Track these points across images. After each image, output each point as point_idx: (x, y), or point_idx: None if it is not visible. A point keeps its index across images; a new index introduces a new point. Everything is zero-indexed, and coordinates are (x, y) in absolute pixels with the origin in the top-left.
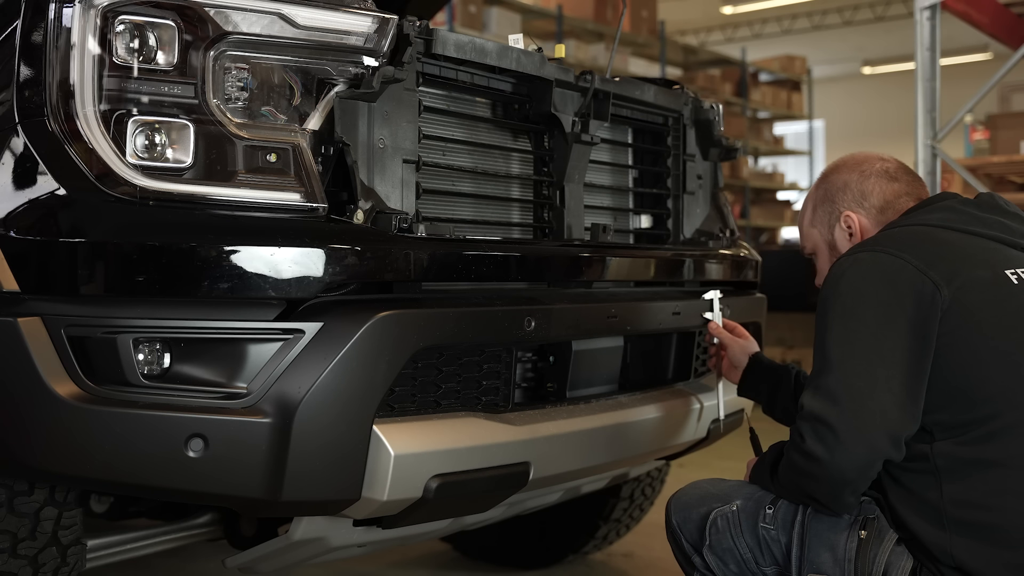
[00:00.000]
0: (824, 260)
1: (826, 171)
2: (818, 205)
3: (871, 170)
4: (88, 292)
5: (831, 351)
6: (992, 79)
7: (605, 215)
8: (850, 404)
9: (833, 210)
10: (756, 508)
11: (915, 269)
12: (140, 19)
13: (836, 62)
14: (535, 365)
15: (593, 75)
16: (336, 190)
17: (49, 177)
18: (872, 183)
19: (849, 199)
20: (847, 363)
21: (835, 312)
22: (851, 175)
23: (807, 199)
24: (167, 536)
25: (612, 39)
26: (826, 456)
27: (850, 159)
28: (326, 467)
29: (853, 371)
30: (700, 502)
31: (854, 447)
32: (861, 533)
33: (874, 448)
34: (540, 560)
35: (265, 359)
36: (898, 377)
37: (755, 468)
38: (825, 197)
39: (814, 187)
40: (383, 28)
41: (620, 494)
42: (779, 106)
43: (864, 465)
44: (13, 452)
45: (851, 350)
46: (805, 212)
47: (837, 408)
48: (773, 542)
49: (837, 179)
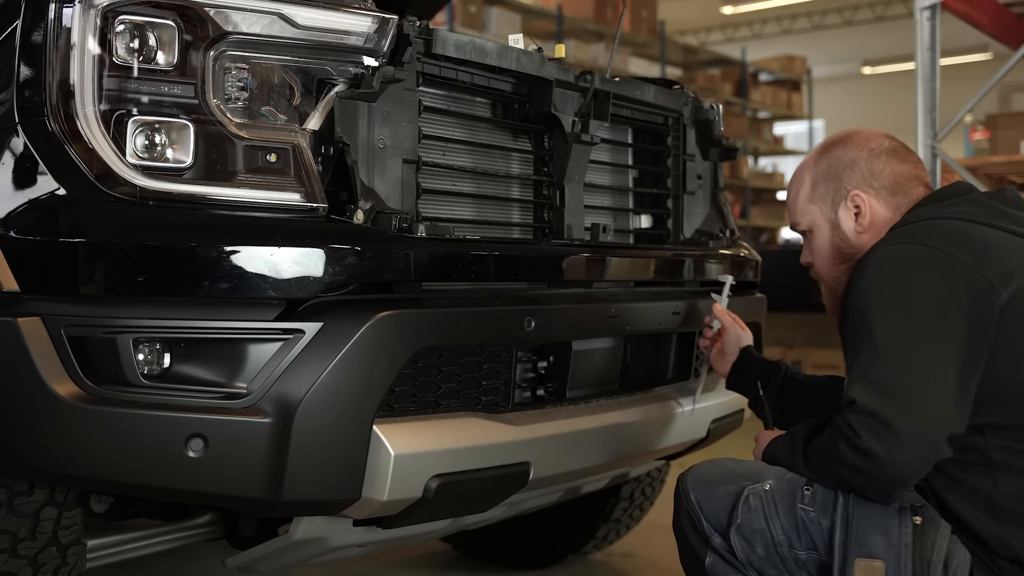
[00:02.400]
0: (823, 239)
1: (827, 144)
2: (820, 181)
3: (880, 148)
4: (88, 292)
5: (884, 344)
6: (992, 79)
7: (605, 215)
8: (910, 403)
9: (839, 188)
10: (791, 489)
11: (968, 267)
12: (140, 19)
13: (836, 62)
14: (535, 365)
15: (593, 75)
16: (336, 190)
17: (49, 177)
18: (883, 163)
19: (858, 178)
20: (904, 359)
21: (884, 304)
22: (859, 152)
23: (803, 172)
24: (167, 536)
25: (612, 39)
26: (884, 455)
27: (855, 135)
28: (326, 467)
29: (911, 368)
30: (725, 479)
31: (914, 447)
32: (915, 519)
33: (933, 448)
34: (540, 560)
35: (265, 359)
36: (954, 377)
37: (774, 448)
38: (829, 173)
39: (812, 160)
40: (383, 28)
41: (620, 494)
42: (779, 106)
43: (922, 465)
44: (13, 452)
45: (907, 346)
46: (801, 186)
47: (896, 406)
48: (812, 524)
49: (843, 155)
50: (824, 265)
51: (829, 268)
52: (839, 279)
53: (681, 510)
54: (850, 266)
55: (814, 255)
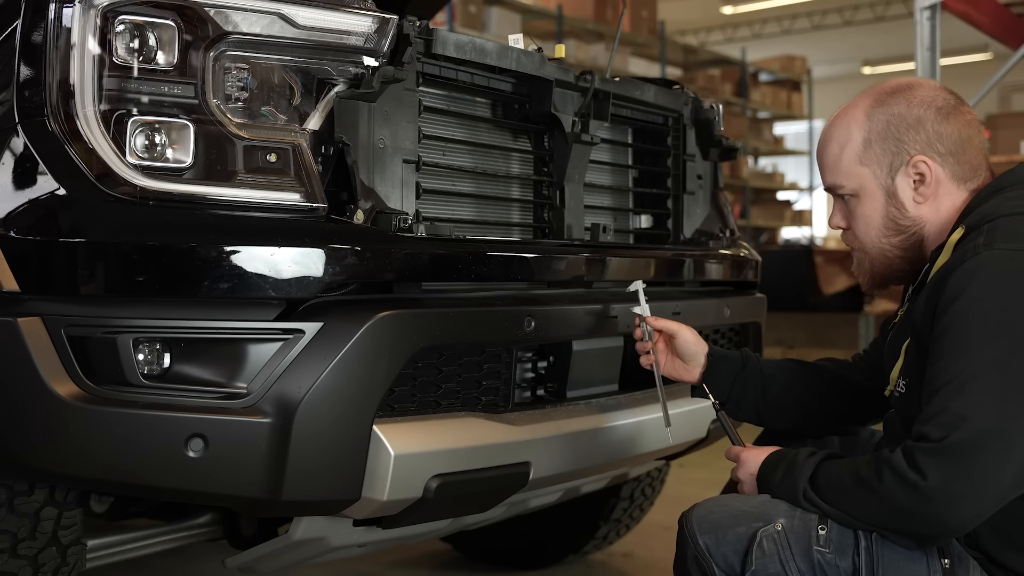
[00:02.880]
0: (875, 208)
1: (883, 95)
2: (875, 140)
3: (947, 107)
4: (88, 292)
5: (985, 376)
6: (992, 79)
7: (605, 215)
8: (1000, 450)
9: (900, 150)
10: (805, 528)
11: None
12: (140, 19)
13: (836, 62)
14: (535, 365)
15: (593, 75)
16: (336, 190)
17: (49, 177)
18: (951, 124)
19: (923, 141)
20: (1006, 399)
21: (989, 323)
22: (926, 111)
23: (849, 125)
24: (167, 536)
25: (612, 39)
26: (954, 502)
27: (916, 87)
28: (326, 467)
29: (1013, 412)
30: (734, 520)
31: (988, 501)
32: (944, 561)
33: (1002, 501)
34: (540, 560)
35: (265, 359)
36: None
37: (768, 475)
38: (887, 132)
39: (864, 113)
40: (383, 28)
41: (620, 494)
42: (779, 106)
43: (990, 513)
44: (13, 452)
45: (1013, 383)
46: (847, 142)
47: (986, 452)
48: (830, 567)
49: (907, 112)
50: (871, 235)
51: (876, 239)
52: (888, 251)
53: (688, 555)
54: (904, 239)
55: (856, 222)
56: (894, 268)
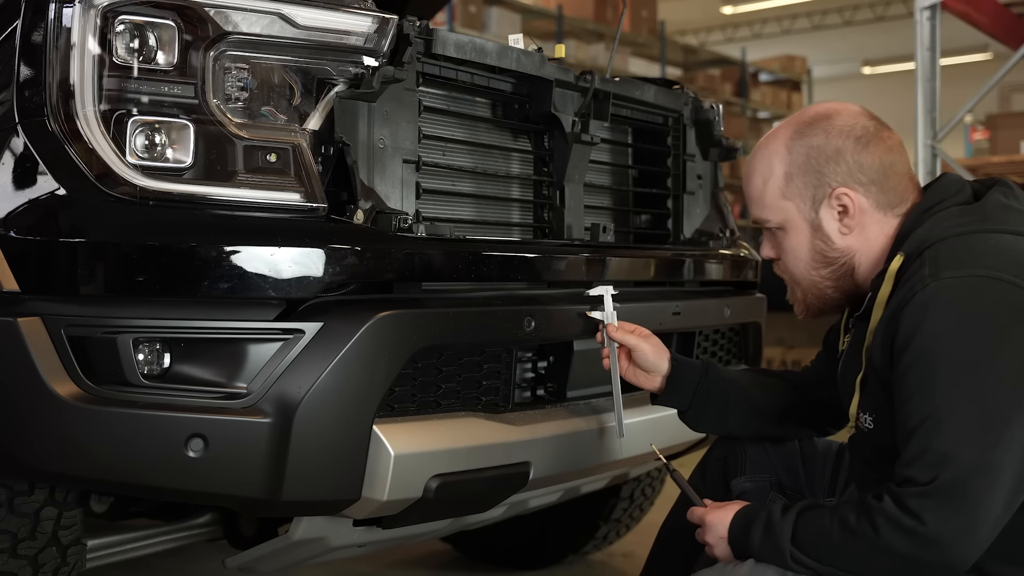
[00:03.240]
0: (801, 240)
1: (801, 127)
2: (796, 173)
3: (866, 135)
4: (88, 292)
5: (959, 411)
6: (992, 79)
7: (605, 215)
8: (989, 481)
9: (821, 183)
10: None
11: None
12: (140, 19)
13: (836, 62)
14: (535, 365)
15: (593, 75)
16: (336, 190)
17: (49, 177)
18: (871, 153)
19: (844, 172)
20: (984, 430)
21: (952, 357)
22: (844, 141)
23: (770, 159)
24: (167, 536)
25: (612, 39)
26: (952, 542)
27: (834, 116)
28: (326, 467)
29: (992, 441)
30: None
31: (984, 530)
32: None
33: (999, 527)
34: (540, 560)
35: (265, 359)
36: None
37: (743, 537)
38: (808, 166)
39: (784, 146)
40: (383, 28)
41: (620, 494)
42: (779, 106)
43: (990, 542)
44: (13, 452)
45: (987, 413)
46: (769, 176)
47: (975, 486)
48: None
49: (825, 144)
50: (800, 267)
51: (806, 271)
52: (819, 283)
53: None
54: (834, 270)
55: (786, 254)
56: (827, 298)
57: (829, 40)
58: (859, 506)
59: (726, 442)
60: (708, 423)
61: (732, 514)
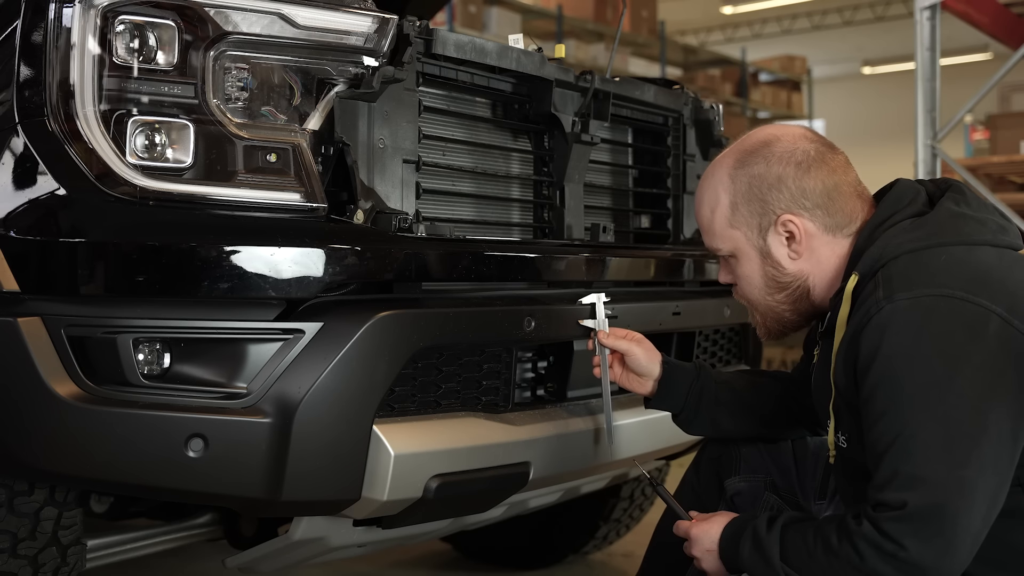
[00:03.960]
0: (752, 268)
1: (742, 156)
2: (741, 203)
3: (807, 160)
4: (88, 292)
5: (925, 432)
6: (992, 79)
7: (605, 215)
8: (963, 499)
9: (765, 211)
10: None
11: (999, 319)
12: (140, 19)
13: (836, 62)
14: (535, 365)
15: (593, 75)
16: (336, 190)
17: (49, 177)
18: (813, 177)
19: (787, 199)
20: (951, 449)
21: (913, 379)
22: (785, 168)
23: (716, 188)
24: (167, 536)
25: (612, 39)
26: (935, 563)
27: (774, 142)
28: (326, 467)
29: (961, 459)
30: None
31: (965, 547)
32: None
33: (979, 541)
34: (540, 560)
35: (265, 359)
36: (1005, 453)
37: (731, 549)
38: (751, 195)
39: (727, 176)
40: (383, 28)
41: (620, 494)
42: (779, 106)
43: (972, 556)
44: (13, 452)
45: (952, 431)
46: (716, 206)
47: (950, 506)
48: None
49: (766, 172)
50: (756, 294)
51: (761, 297)
52: (775, 308)
53: None
54: (788, 294)
55: (741, 281)
56: (785, 320)
57: (829, 40)
58: (840, 528)
59: (720, 441)
60: (701, 425)
61: (717, 527)
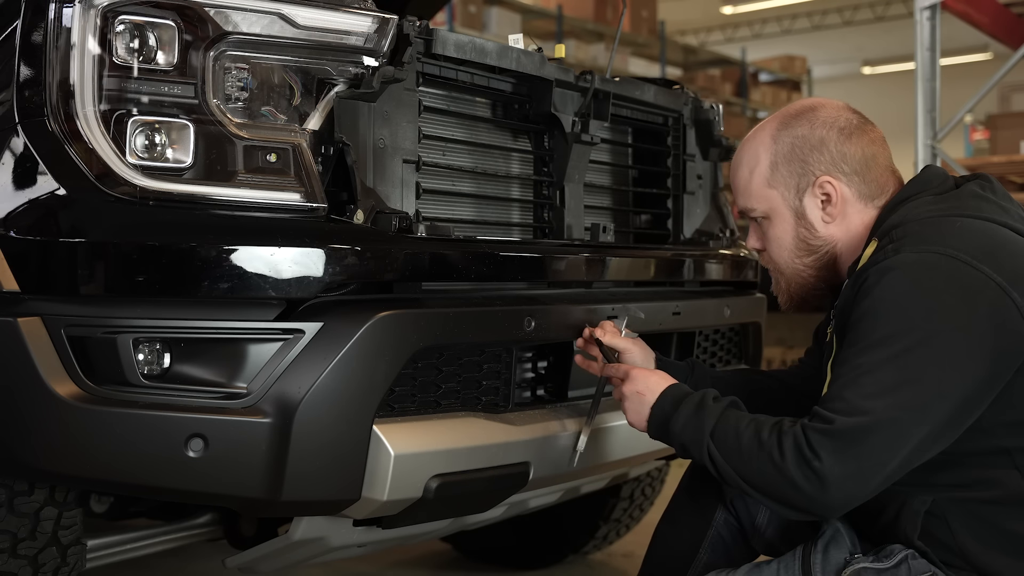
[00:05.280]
0: (785, 229)
1: (787, 119)
2: (781, 162)
3: (850, 127)
4: (88, 292)
5: (881, 372)
6: (992, 79)
7: (605, 215)
8: (889, 436)
9: (805, 172)
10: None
11: (998, 288)
12: (140, 19)
13: (836, 62)
14: (535, 365)
15: (593, 75)
16: (336, 190)
17: (49, 177)
18: (854, 143)
19: (827, 161)
20: (899, 391)
21: (890, 322)
22: (828, 132)
23: (757, 149)
24: (167, 536)
25: (612, 39)
26: (840, 482)
27: (819, 108)
28: (326, 467)
29: (906, 402)
30: None
31: (874, 479)
32: None
33: (889, 482)
34: (540, 560)
35: (265, 359)
36: (953, 412)
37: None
38: (792, 155)
39: (770, 137)
40: (383, 28)
41: (620, 494)
42: (779, 106)
43: (872, 495)
44: (13, 452)
45: (909, 377)
46: (756, 166)
47: (874, 437)
48: None
49: (810, 134)
50: (784, 256)
51: (790, 260)
52: (802, 272)
53: None
54: (817, 258)
55: (770, 243)
56: (810, 288)
57: (829, 40)
58: (775, 426)
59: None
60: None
61: (660, 378)
